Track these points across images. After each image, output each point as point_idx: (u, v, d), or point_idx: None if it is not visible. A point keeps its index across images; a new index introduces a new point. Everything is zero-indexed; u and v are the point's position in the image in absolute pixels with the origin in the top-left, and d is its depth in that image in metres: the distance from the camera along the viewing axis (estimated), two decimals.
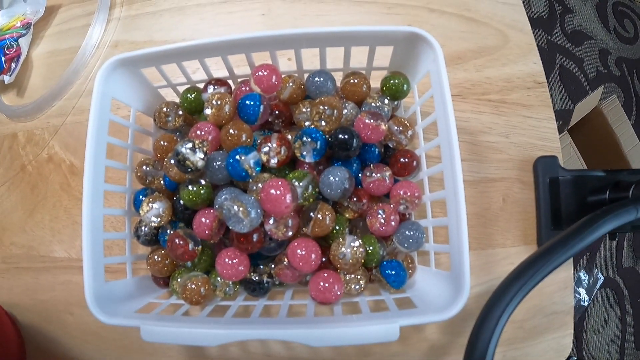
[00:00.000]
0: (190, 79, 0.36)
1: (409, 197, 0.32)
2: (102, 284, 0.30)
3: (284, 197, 0.27)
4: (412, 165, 0.34)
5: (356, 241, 0.31)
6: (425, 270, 0.33)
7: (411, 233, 0.32)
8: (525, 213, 0.39)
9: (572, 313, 0.38)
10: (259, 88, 0.32)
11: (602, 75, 1.31)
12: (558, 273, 0.37)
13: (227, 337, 0.25)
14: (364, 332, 0.25)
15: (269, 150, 0.31)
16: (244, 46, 0.32)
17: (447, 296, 0.27)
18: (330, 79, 0.34)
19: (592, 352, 1.08)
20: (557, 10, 1.35)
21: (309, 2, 0.45)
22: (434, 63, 0.30)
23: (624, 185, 0.36)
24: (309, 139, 0.30)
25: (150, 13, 0.47)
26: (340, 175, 0.30)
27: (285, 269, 0.32)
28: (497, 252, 0.38)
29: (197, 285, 0.31)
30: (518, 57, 0.43)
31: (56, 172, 0.44)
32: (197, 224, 0.31)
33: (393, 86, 0.34)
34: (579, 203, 0.38)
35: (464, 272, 0.25)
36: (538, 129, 0.41)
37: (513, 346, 0.36)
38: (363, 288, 0.32)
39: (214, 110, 0.32)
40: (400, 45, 0.32)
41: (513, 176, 0.40)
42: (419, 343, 0.36)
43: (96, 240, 0.30)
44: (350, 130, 0.31)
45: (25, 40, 0.47)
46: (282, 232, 0.29)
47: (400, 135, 0.34)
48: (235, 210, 0.27)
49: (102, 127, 0.31)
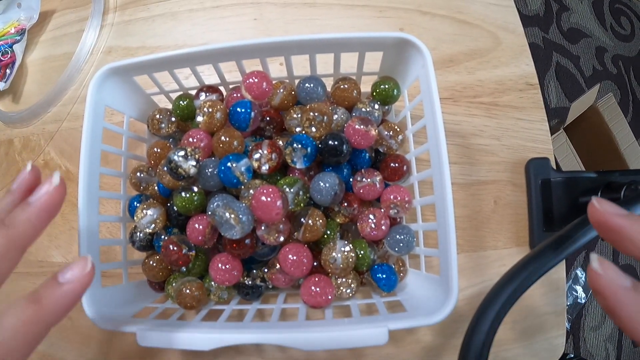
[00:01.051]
0: (183, 86, 0.36)
1: (400, 202, 0.33)
2: (99, 290, 0.30)
3: (274, 204, 0.27)
4: (403, 169, 0.34)
5: (347, 246, 0.31)
6: (416, 274, 0.34)
7: (402, 237, 0.32)
8: (517, 215, 0.39)
9: (564, 314, 0.38)
10: (250, 95, 0.32)
11: (599, 73, 1.31)
12: (550, 274, 0.37)
13: (220, 342, 0.26)
14: (353, 336, 0.25)
15: (260, 157, 0.31)
16: (235, 54, 0.32)
17: (436, 300, 0.27)
18: (320, 84, 0.34)
19: (589, 349, 1.09)
20: (554, 8, 1.35)
21: (300, 6, 0.45)
22: (423, 69, 0.30)
23: (616, 186, 0.36)
24: (300, 146, 0.31)
25: (142, 19, 0.47)
26: (330, 181, 0.31)
27: (277, 274, 0.32)
28: (489, 254, 0.38)
29: (192, 290, 0.31)
30: (510, 59, 0.43)
31: None
32: (191, 230, 0.31)
33: (383, 91, 0.35)
34: (571, 204, 0.39)
35: (452, 277, 0.26)
36: (530, 131, 0.41)
37: (505, 347, 0.37)
38: (354, 292, 0.33)
39: (205, 118, 0.32)
40: (390, 50, 0.32)
41: (505, 178, 0.40)
42: (411, 345, 0.37)
43: (92, 246, 0.30)
44: (340, 136, 0.31)
45: (19, 47, 0.48)
46: (274, 237, 0.30)
47: (391, 140, 0.34)
48: (227, 217, 0.28)
49: (96, 135, 0.31)
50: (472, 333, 0.26)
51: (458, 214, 0.30)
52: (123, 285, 0.34)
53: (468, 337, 0.26)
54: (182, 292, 0.31)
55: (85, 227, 0.29)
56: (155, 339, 0.27)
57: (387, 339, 0.25)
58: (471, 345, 0.26)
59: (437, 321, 0.25)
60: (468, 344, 0.26)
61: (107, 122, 0.33)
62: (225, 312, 0.31)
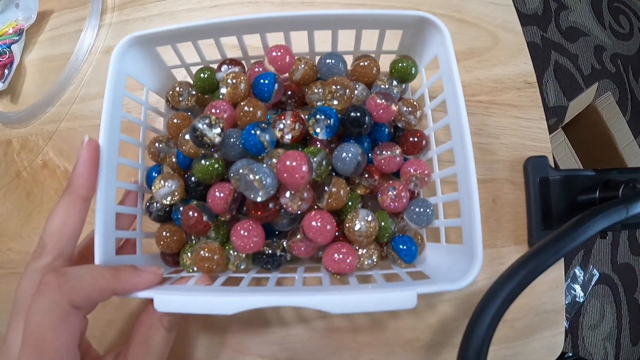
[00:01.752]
0: (205, 59, 0.37)
1: (419, 174, 0.33)
2: (113, 257, 0.29)
3: (300, 168, 0.27)
4: (422, 144, 0.35)
5: (369, 215, 0.31)
6: (435, 247, 0.34)
7: (421, 210, 0.33)
8: (516, 213, 0.39)
9: (563, 312, 0.38)
10: (274, 67, 0.33)
11: (597, 72, 1.32)
12: (549, 272, 0.37)
13: (244, 305, 0.25)
14: (382, 299, 0.25)
15: (284, 127, 0.31)
16: (260, 26, 0.32)
17: (460, 268, 0.27)
18: (341, 60, 0.35)
19: (587, 348, 1.09)
20: (552, 6, 1.35)
21: (298, 5, 0.45)
22: (442, 46, 0.31)
23: (614, 184, 0.36)
24: (323, 117, 0.31)
25: (140, 18, 0.47)
26: (353, 151, 0.31)
27: (298, 242, 0.32)
28: (487, 252, 0.38)
29: (211, 251, 0.31)
30: (508, 58, 0.43)
31: (51, 178, 0.44)
32: (212, 197, 0.31)
33: (402, 69, 0.36)
34: (570, 203, 0.39)
35: (476, 242, 0.26)
36: (528, 129, 0.41)
37: (504, 345, 0.37)
38: (375, 262, 0.33)
39: (229, 89, 0.32)
40: (410, 29, 0.33)
41: (503, 177, 0.40)
42: (411, 343, 0.37)
43: (108, 211, 0.29)
44: (362, 107, 0.32)
45: (17, 47, 0.48)
46: (297, 205, 0.30)
47: (410, 116, 0.35)
48: (251, 178, 0.28)
49: (117, 103, 0.31)
50: (471, 331, 0.26)
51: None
52: (137, 256, 0.33)
53: (467, 335, 0.26)
54: (201, 254, 0.31)
55: (104, 193, 0.28)
56: (174, 303, 0.25)
57: (415, 303, 0.25)
58: (470, 343, 0.26)
59: (464, 286, 0.25)
60: (467, 342, 0.26)
61: (128, 92, 0.32)
62: (245, 280, 0.31)
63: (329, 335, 0.37)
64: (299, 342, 0.37)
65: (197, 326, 0.37)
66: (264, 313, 0.37)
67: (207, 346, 0.37)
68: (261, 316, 0.37)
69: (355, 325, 0.37)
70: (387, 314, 0.37)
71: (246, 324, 0.37)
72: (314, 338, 0.37)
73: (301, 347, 0.37)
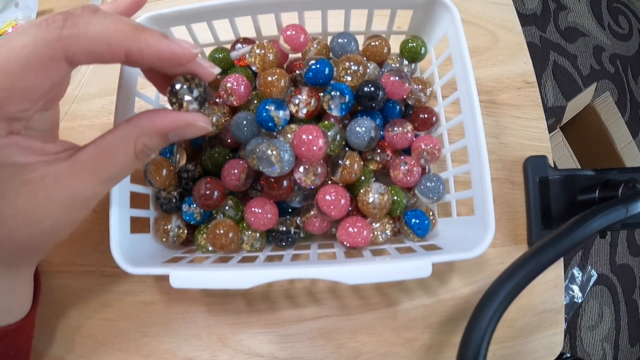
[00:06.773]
0: (218, 40, 0.37)
1: (430, 149, 0.34)
2: (128, 235, 0.30)
3: (316, 141, 0.28)
4: (432, 120, 0.36)
5: (383, 187, 0.32)
6: (447, 222, 0.35)
7: (432, 184, 0.34)
8: (515, 213, 0.40)
9: (562, 312, 0.38)
10: (289, 46, 0.33)
11: (596, 72, 1.32)
12: (548, 272, 0.37)
13: (260, 278, 0.25)
14: (398, 268, 0.25)
15: (299, 102, 0.32)
16: (275, 5, 0.33)
17: (472, 238, 0.28)
18: (353, 40, 0.36)
19: (586, 348, 1.09)
20: (551, 7, 1.35)
21: None
22: (451, 24, 0.32)
23: (613, 184, 0.36)
24: (339, 93, 0.31)
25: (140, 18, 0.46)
26: (367, 125, 0.32)
27: (312, 218, 0.33)
28: (487, 251, 0.38)
29: (226, 229, 0.31)
30: (508, 57, 0.43)
31: None
32: (226, 173, 0.32)
33: (412, 49, 0.37)
34: (569, 202, 0.39)
35: (488, 211, 0.27)
36: (528, 129, 0.41)
37: (503, 344, 0.37)
38: (389, 236, 0.33)
39: (260, 57, 0.33)
40: (420, 9, 0.34)
41: (503, 176, 0.40)
42: (410, 342, 0.37)
43: (123, 190, 0.30)
44: (376, 82, 0.33)
45: None
46: (311, 180, 0.30)
47: (420, 93, 0.36)
48: (269, 154, 0.28)
49: (131, 80, 0.31)
50: (470, 330, 0.26)
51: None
52: (151, 235, 0.33)
53: (467, 335, 0.26)
54: (216, 232, 0.31)
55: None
56: (191, 279, 0.25)
57: (430, 272, 0.25)
58: (470, 342, 0.26)
59: (478, 254, 0.26)
60: (467, 341, 0.26)
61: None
62: (260, 257, 0.31)
63: (328, 334, 0.37)
64: (298, 342, 0.37)
65: (196, 325, 0.37)
66: (263, 312, 0.37)
67: (206, 346, 0.37)
68: (261, 315, 0.37)
69: (355, 325, 0.37)
70: (386, 314, 0.37)
71: (245, 323, 0.37)
72: (313, 337, 0.37)
73: (300, 346, 0.37)
